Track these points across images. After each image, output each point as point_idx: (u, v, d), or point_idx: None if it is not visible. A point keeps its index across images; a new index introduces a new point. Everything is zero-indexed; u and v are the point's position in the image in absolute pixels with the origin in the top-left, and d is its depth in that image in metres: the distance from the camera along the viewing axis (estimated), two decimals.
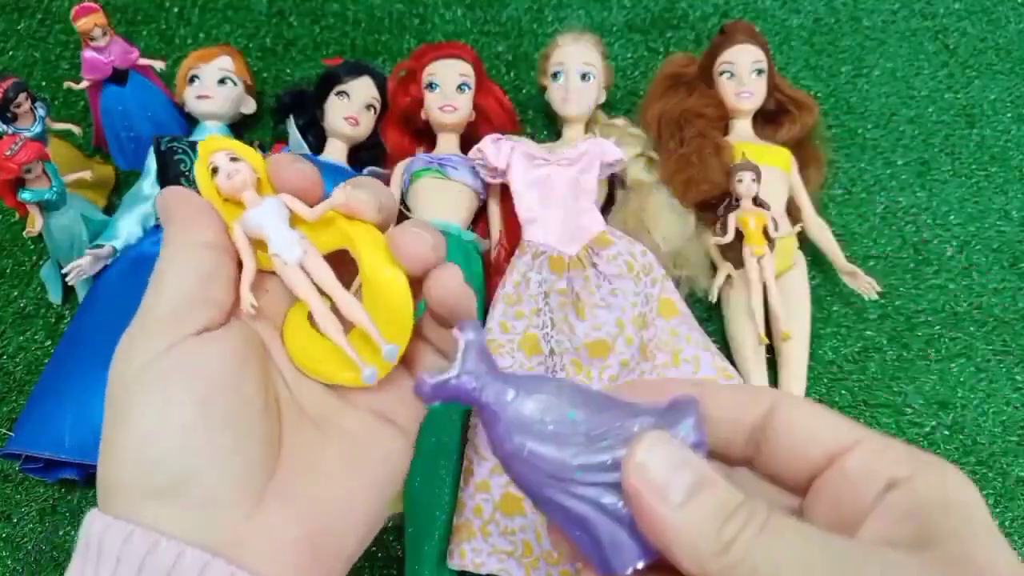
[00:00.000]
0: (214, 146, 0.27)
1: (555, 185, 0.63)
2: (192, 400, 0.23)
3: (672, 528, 0.19)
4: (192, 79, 0.70)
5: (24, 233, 0.63)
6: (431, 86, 0.68)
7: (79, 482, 0.58)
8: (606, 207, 0.69)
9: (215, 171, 0.26)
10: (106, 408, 0.24)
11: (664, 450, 0.20)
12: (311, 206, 0.27)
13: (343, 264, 0.27)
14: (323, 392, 0.27)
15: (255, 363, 0.25)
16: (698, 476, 0.20)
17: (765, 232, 0.62)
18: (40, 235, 0.63)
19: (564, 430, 0.21)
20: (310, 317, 0.27)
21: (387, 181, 0.69)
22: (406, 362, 0.28)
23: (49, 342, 0.65)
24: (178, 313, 0.24)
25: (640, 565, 0.21)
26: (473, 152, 0.65)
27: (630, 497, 0.20)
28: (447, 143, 0.69)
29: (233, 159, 0.26)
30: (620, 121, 0.71)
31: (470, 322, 0.23)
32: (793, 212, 0.68)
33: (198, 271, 0.25)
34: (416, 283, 0.26)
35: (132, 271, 0.63)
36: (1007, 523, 0.58)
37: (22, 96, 0.64)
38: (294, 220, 0.27)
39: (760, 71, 0.69)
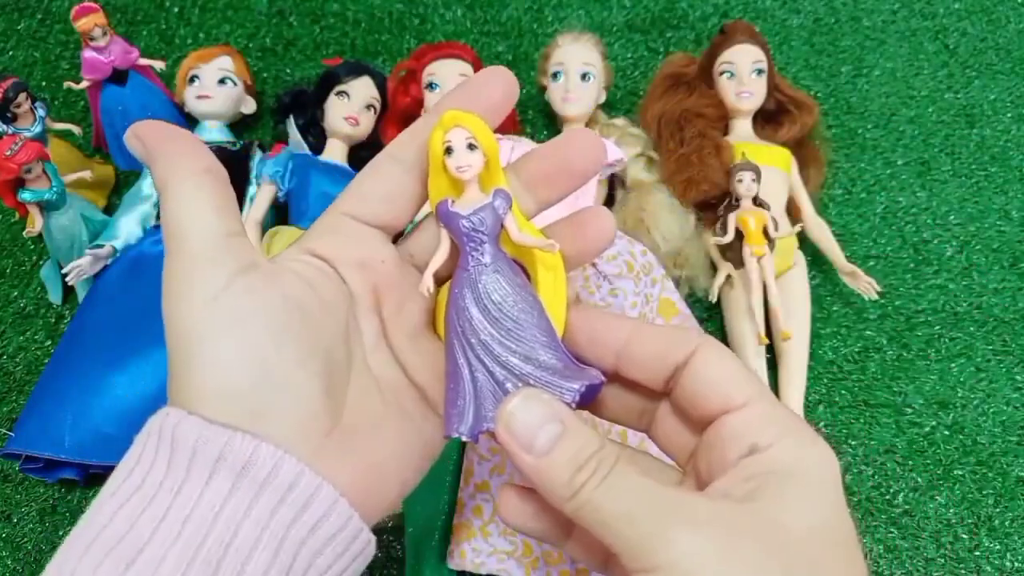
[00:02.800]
0: (456, 120, 0.25)
1: None
2: (269, 334, 0.23)
3: (535, 474, 0.23)
4: (192, 79, 0.70)
5: (24, 233, 0.63)
6: (431, 86, 0.68)
7: (79, 482, 0.58)
8: (606, 207, 0.69)
9: (448, 151, 0.25)
10: (174, 341, 0.24)
11: (533, 406, 0.23)
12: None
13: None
14: (393, 367, 0.28)
15: (335, 312, 0.26)
16: (561, 428, 0.23)
17: (765, 232, 0.62)
18: (40, 235, 0.63)
19: (496, 312, 0.25)
20: None
21: None
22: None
23: (49, 342, 0.65)
24: (218, 247, 0.24)
25: (460, 436, 0.25)
26: None
27: (501, 444, 0.23)
28: None
29: (471, 146, 0.25)
30: (620, 121, 0.71)
31: (503, 191, 0.26)
32: (793, 212, 0.68)
33: (213, 201, 0.25)
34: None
35: (132, 271, 0.63)
36: (1007, 523, 0.58)
37: (22, 96, 0.64)
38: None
39: (760, 71, 0.69)
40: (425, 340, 0.29)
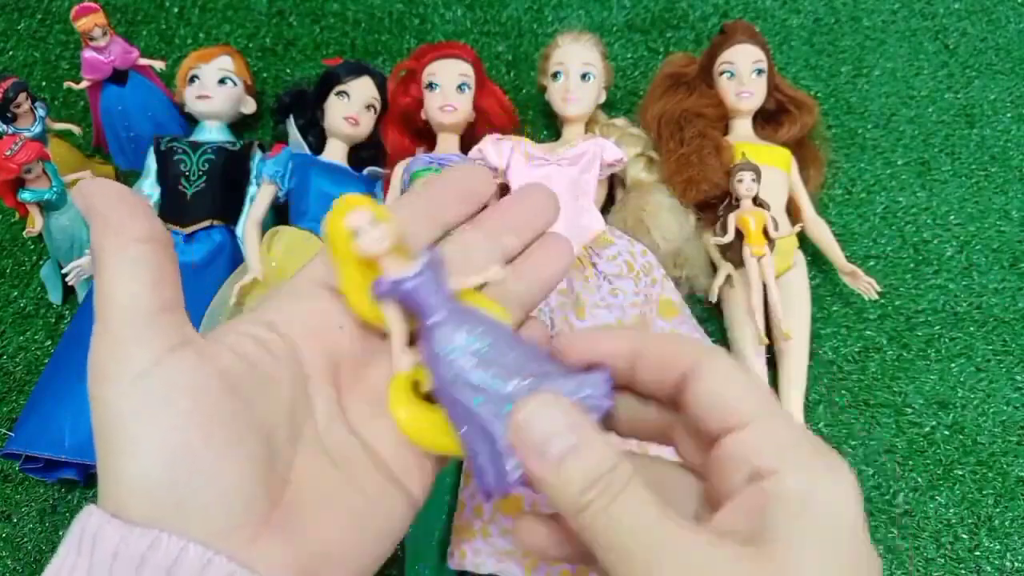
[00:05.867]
0: (350, 204, 0.25)
1: (555, 185, 0.63)
2: (197, 418, 0.22)
3: (547, 484, 0.22)
4: (192, 79, 0.70)
5: (24, 233, 0.63)
6: (431, 86, 0.68)
7: (79, 482, 0.58)
8: (606, 207, 0.69)
9: (356, 233, 0.25)
10: (97, 425, 0.22)
11: (549, 412, 0.22)
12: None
13: None
14: (349, 440, 0.26)
15: (277, 387, 0.24)
16: (577, 439, 0.22)
17: (765, 232, 0.62)
18: (40, 235, 0.63)
19: (487, 352, 0.24)
20: (417, 386, 0.26)
21: (387, 181, 0.69)
22: None
23: (49, 342, 0.65)
24: (147, 324, 0.22)
25: (492, 492, 0.24)
26: (473, 152, 0.65)
27: (515, 449, 0.22)
28: (447, 143, 0.69)
29: (373, 222, 0.25)
30: (620, 121, 0.71)
31: (430, 246, 0.26)
32: (793, 212, 0.68)
33: (147, 275, 0.23)
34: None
35: None
36: (1007, 523, 0.58)
37: (22, 96, 0.64)
38: None
39: (760, 71, 0.69)
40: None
